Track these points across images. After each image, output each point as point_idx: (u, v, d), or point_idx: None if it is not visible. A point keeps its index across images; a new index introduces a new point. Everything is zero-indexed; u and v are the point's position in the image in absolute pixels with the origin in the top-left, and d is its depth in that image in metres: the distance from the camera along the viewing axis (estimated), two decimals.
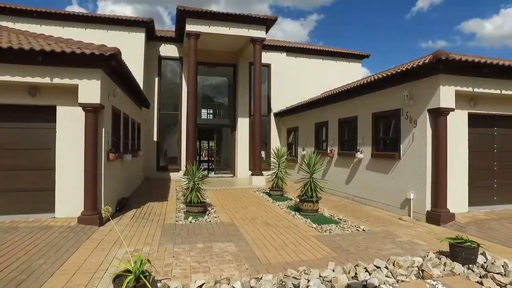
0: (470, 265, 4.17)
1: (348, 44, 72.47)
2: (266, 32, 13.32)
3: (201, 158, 23.55)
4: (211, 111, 19.25)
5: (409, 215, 7.34)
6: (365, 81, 8.93)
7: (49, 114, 6.43)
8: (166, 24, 70.90)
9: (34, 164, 6.41)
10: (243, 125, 15.52)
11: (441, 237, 5.09)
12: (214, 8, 70.14)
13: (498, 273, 3.87)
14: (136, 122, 11.32)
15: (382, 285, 3.71)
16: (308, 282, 3.73)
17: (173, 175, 14.62)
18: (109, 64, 6.28)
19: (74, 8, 64.99)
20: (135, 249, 4.96)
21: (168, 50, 15.12)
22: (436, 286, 3.60)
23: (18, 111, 6.32)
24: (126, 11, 64.84)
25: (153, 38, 14.55)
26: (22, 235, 5.33)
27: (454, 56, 6.41)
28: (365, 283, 3.76)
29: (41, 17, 12.57)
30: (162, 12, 71.34)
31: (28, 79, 5.93)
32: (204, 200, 7.75)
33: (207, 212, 7.68)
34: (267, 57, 15.75)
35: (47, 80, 6.02)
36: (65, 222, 6.13)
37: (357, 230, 6.29)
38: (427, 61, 6.53)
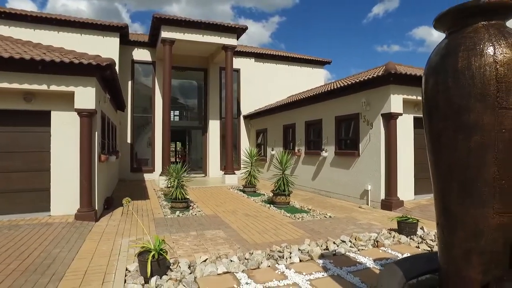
0: (412, 236, 5.40)
1: (308, 46, 75.14)
2: (237, 40, 14.23)
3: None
4: (177, 113, 19.76)
5: (367, 204, 8.59)
6: (329, 88, 10.13)
7: (44, 118, 6.88)
8: (125, 21, 68.91)
9: (30, 166, 6.83)
10: (214, 127, 16.29)
11: (391, 218, 6.29)
12: (175, 8, 69.27)
13: (430, 240, 5.13)
14: (114, 125, 11.75)
15: (347, 253, 4.76)
16: (290, 253, 4.69)
17: (147, 176, 15.07)
18: (104, 73, 6.87)
19: (23, 3, 61.11)
20: (136, 238, 5.66)
21: (141, 54, 15.54)
22: (387, 251, 4.72)
23: (15, 116, 6.72)
24: (81, 5, 62.17)
25: (126, 43, 14.89)
26: (28, 231, 5.82)
27: (401, 70, 7.72)
28: (335, 252, 4.80)
29: (11, 18, 12.50)
30: (120, 9, 69.32)
31: (26, 86, 6.38)
32: (187, 197, 8.49)
33: (191, 207, 8.43)
34: (236, 62, 16.60)
35: (44, 87, 6.49)
36: (62, 219, 6.64)
37: (324, 217, 7.39)
38: (380, 73, 7.79)
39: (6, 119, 6.69)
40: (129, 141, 15.06)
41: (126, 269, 4.17)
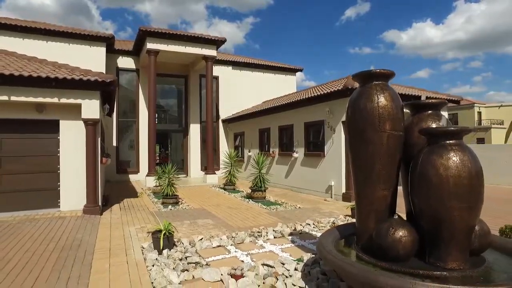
0: None
1: (283, 47, 76.98)
2: (216, 51, 15.53)
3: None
4: (158, 116, 20.69)
5: (331, 197, 10.15)
6: (299, 98, 11.65)
7: (53, 126, 7.94)
8: (95, 19, 67.89)
9: (42, 168, 7.88)
10: (194, 130, 17.51)
11: (347, 206, 7.83)
12: (147, 6, 69.11)
13: None
14: (103, 129, 12.73)
15: (310, 232, 6.23)
16: (267, 233, 6.10)
17: (132, 177, 16.07)
18: (107, 88, 8.01)
19: None
20: (141, 227, 6.88)
21: (125, 62, 16.53)
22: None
23: (28, 124, 7.75)
24: (45, 0, 60.27)
25: (112, 51, 15.80)
26: (47, 223, 6.90)
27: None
28: (301, 231, 6.26)
29: (1, 28, 13.16)
30: (90, 5, 68.02)
31: (40, 99, 7.44)
32: (176, 193, 9.71)
33: (179, 202, 9.66)
34: (215, 70, 17.84)
35: (55, 100, 7.57)
36: (72, 214, 7.73)
37: (295, 208, 8.86)
38: (340, 88, 9.37)
39: (20, 128, 7.71)
40: (114, 144, 15.99)
41: (141, 247, 5.43)
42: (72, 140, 8.04)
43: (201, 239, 5.77)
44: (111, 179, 15.62)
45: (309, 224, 6.72)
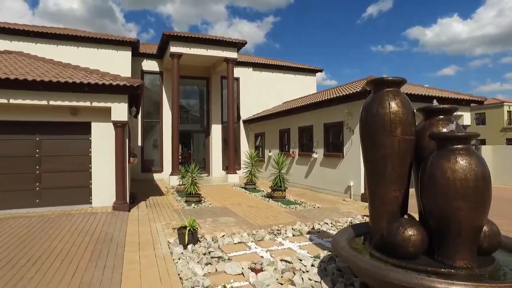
0: None
1: (303, 46, 76.56)
2: (237, 53, 15.88)
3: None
4: (179, 116, 21.28)
5: (350, 197, 10.28)
6: (318, 99, 11.82)
7: (85, 128, 8.50)
8: (119, 21, 69.95)
9: (75, 167, 8.45)
10: (216, 130, 17.95)
11: (365, 206, 7.96)
12: (169, 7, 70.36)
13: None
14: (130, 130, 13.34)
15: (328, 230, 6.44)
16: (286, 231, 6.36)
17: (156, 176, 16.68)
18: (135, 92, 8.48)
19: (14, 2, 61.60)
20: (166, 223, 7.29)
21: (150, 65, 17.16)
22: None
23: (63, 126, 8.33)
24: (73, 4, 63.29)
25: (137, 55, 16.45)
26: (81, 218, 7.43)
27: None
28: (319, 230, 6.48)
29: (37, 36, 14.01)
30: (114, 8, 70.32)
31: (74, 103, 7.99)
32: (199, 192, 10.11)
33: (202, 201, 10.05)
34: (236, 71, 18.16)
35: (88, 104, 8.11)
36: (103, 210, 8.25)
37: (313, 207, 9.06)
38: (359, 89, 9.49)
39: (57, 129, 8.31)
40: (139, 144, 16.65)
41: (168, 242, 5.81)
42: (102, 141, 8.56)
43: (223, 236, 6.09)
44: (136, 177, 16.27)
45: (327, 223, 6.93)
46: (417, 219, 3.59)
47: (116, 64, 14.69)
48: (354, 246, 3.76)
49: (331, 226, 6.74)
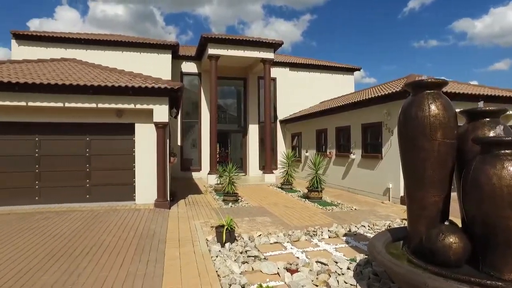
0: None
1: (341, 44, 74.70)
2: (274, 53, 15.95)
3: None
4: (217, 117, 21.75)
5: (389, 200, 10.00)
6: (356, 99, 11.60)
7: (129, 129, 8.98)
8: (159, 24, 72.72)
9: (120, 166, 8.97)
10: (253, 130, 18.16)
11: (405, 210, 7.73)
12: (207, 9, 71.85)
13: None
14: (170, 130, 13.88)
15: (365, 234, 6.34)
16: (322, 232, 6.35)
17: (194, 175, 17.20)
18: (175, 94, 8.83)
19: (65, 8, 66.73)
20: (204, 221, 7.54)
21: (189, 66, 17.71)
22: None
23: (110, 127, 8.88)
24: (118, 10, 67.09)
25: (176, 57, 17.05)
26: (126, 214, 7.88)
27: None
28: (355, 232, 6.40)
29: (88, 43, 14.99)
30: (155, 12, 73.33)
31: (120, 105, 8.49)
32: (236, 191, 10.32)
33: (239, 200, 10.25)
34: (273, 71, 18.26)
35: (132, 106, 8.57)
36: (145, 207, 8.69)
37: (350, 209, 8.94)
38: (398, 89, 9.20)
39: (104, 130, 8.86)
40: (179, 143, 17.25)
41: (206, 239, 6.02)
42: (145, 141, 9.00)
43: (259, 235, 6.21)
44: (176, 176, 16.87)
45: (364, 226, 6.82)
46: (460, 225, 3.47)
47: (157, 66, 15.33)
48: (391, 250, 3.70)
49: (368, 229, 6.63)
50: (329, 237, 6.17)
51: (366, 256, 4.90)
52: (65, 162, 8.72)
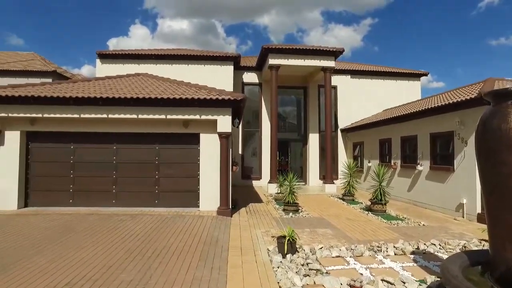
0: None
1: (405, 46, 70.59)
2: (335, 61, 15.71)
3: None
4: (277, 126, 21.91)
5: (463, 217, 9.19)
6: (423, 107, 10.91)
7: (195, 139, 9.47)
8: (220, 35, 75.72)
9: (186, 173, 9.49)
10: (313, 139, 17.97)
11: (484, 229, 7.04)
12: (266, 19, 73.01)
13: None
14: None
15: (436, 253, 5.90)
16: (387, 248, 6.05)
17: (255, 183, 17.48)
18: (238, 105, 9.14)
19: (138, 27, 73.04)
20: (265, 230, 7.62)
21: (250, 77, 18.19)
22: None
23: (177, 137, 9.46)
24: (183, 25, 71.78)
25: (238, 68, 17.60)
26: (191, 220, 8.28)
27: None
28: (424, 251, 5.99)
29: (157, 58, 16.20)
30: (216, 24, 76.81)
31: (186, 116, 9.01)
32: (297, 201, 10.28)
33: (299, 210, 10.18)
34: (333, 79, 17.93)
35: (197, 117, 9.04)
36: (208, 214, 9.04)
37: (418, 224, 8.39)
38: (473, 95, 8.48)
39: (171, 139, 9.47)
40: (240, 152, 17.70)
41: (267, 249, 6.08)
42: (208, 150, 9.41)
43: (321, 248, 6.11)
44: (237, 184, 17.29)
45: (435, 245, 6.34)
46: None
47: (220, 77, 16.00)
48: (470, 276, 3.41)
49: (439, 248, 6.15)
50: (395, 254, 5.85)
51: (439, 279, 4.55)
52: (137, 169, 9.49)
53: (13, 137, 9.19)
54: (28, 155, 9.45)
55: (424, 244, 6.35)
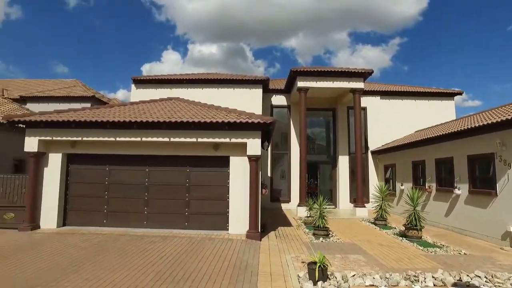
0: None
1: (437, 65, 68.68)
2: (364, 82, 15.58)
3: None
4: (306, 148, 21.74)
5: (511, 246, 8.56)
6: (459, 128, 10.49)
7: (225, 161, 9.59)
8: (249, 59, 77.51)
9: (216, 196, 9.57)
10: (343, 162, 17.66)
11: None
12: (293, 41, 74.13)
13: None
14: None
15: (482, 286, 5.50)
16: (425, 278, 5.73)
17: (283, 206, 17.29)
18: (268, 128, 9.23)
19: (170, 52, 76.54)
20: (295, 256, 7.46)
21: (278, 99, 18.37)
22: None
23: (207, 160, 9.63)
24: (212, 49, 74.45)
25: (267, 91, 17.85)
26: (220, 243, 8.27)
27: None
28: (468, 284, 5.62)
29: (188, 82, 16.77)
30: (245, 48, 78.97)
31: (217, 139, 9.18)
32: (327, 226, 10.03)
33: (329, 235, 9.91)
34: (363, 101, 17.76)
35: (227, 140, 9.19)
36: (237, 237, 9.00)
37: (458, 253, 7.91)
38: None
39: (202, 162, 9.64)
40: (269, 174, 17.67)
41: (298, 275, 5.94)
42: (238, 173, 9.48)
43: (353, 276, 5.89)
44: (265, 206, 17.17)
45: (479, 277, 5.93)
46: None
47: (249, 100, 16.26)
48: None
49: (486, 281, 5.74)
50: (434, 285, 5.53)
51: None
52: (168, 191, 9.70)
53: (56, 159, 9.75)
54: (68, 176, 9.94)
55: (467, 275, 5.96)
